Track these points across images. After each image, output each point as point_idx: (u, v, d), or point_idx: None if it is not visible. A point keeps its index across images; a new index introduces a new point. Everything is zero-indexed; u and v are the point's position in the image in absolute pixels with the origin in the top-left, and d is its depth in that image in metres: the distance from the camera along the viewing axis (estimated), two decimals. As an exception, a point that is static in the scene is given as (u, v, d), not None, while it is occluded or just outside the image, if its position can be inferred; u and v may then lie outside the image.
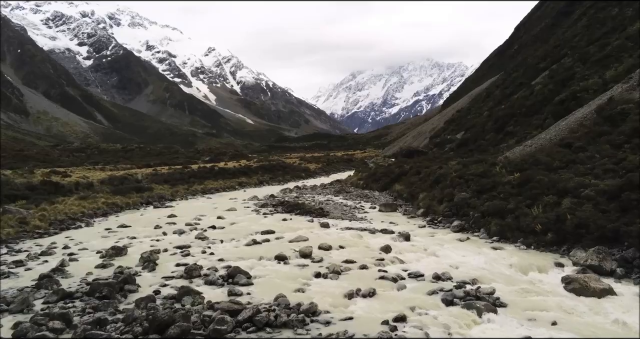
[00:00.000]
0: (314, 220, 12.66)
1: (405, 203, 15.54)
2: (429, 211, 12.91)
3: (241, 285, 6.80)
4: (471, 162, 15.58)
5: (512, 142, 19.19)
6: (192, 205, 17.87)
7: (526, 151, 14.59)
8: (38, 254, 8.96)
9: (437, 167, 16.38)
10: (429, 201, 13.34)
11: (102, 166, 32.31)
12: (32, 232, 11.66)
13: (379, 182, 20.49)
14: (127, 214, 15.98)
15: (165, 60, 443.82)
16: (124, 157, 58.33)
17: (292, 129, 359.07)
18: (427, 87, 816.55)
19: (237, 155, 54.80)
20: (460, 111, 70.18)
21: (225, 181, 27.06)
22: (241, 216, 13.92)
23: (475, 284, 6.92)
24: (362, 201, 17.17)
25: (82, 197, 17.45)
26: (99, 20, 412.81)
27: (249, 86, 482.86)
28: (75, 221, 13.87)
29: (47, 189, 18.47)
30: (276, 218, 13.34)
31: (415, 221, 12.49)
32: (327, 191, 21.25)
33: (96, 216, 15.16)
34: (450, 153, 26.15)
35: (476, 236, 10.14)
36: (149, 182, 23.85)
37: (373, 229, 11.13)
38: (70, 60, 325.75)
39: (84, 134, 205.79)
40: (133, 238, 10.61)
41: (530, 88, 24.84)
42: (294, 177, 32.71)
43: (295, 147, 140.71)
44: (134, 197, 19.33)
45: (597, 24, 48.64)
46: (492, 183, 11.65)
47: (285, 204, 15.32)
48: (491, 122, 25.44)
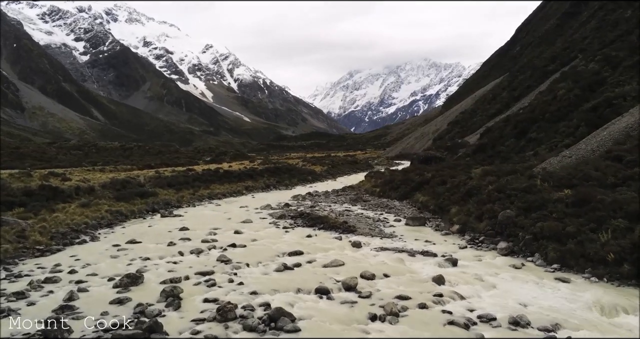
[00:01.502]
0: (342, 237, 11.57)
1: (434, 216, 14.49)
2: (465, 228, 11.87)
3: (287, 332, 5.73)
4: (504, 173, 14.55)
5: (541, 150, 18.16)
6: (201, 214, 16.75)
7: (565, 162, 13.56)
8: (41, 282, 7.83)
9: (465, 177, 15.34)
10: (464, 216, 12.30)
11: (101, 167, 31.10)
12: (32, 249, 10.54)
13: (397, 190, 19.44)
14: (134, 224, 14.85)
15: (163, 56, 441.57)
16: (122, 155, 57.10)
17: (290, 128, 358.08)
18: (424, 87, 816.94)
19: (238, 155, 53.66)
20: (464, 113, 69.43)
21: (232, 185, 25.96)
22: (260, 230, 12.82)
23: (559, 329, 5.92)
24: (384, 212, 16.11)
25: (84, 204, 16.30)
26: (96, 16, 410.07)
27: (246, 83, 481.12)
28: (79, 233, 12.74)
29: (45, 194, 17.29)
30: (299, 234, 12.25)
31: (452, 239, 11.45)
32: (342, 199, 20.18)
33: (101, 226, 14.04)
34: (466, 159, 25.13)
35: (530, 262, 9.09)
36: (152, 186, 22.70)
37: (411, 251, 10.08)
38: (67, 56, 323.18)
39: (80, 131, 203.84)
40: (146, 259, 9.50)
41: (552, 92, 23.81)
42: (301, 181, 31.63)
43: (294, 146, 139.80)
44: (139, 203, 18.22)
45: (608, 26, 47.94)
46: (540, 200, 10.60)
47: (305, 216, 14.24)
48: (510, 127, 24.42)
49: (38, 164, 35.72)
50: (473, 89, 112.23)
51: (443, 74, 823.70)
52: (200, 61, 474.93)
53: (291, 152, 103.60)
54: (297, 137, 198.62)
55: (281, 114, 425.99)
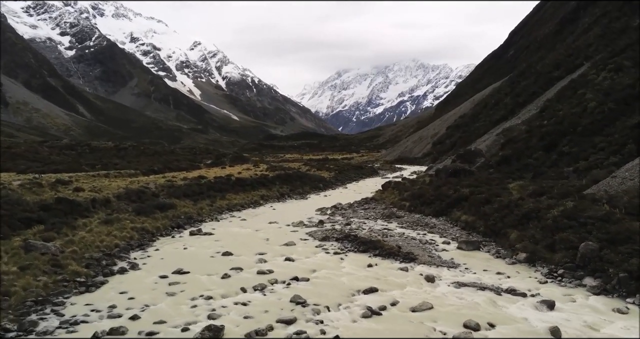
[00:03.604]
0: (407, 268, 10.71)
1: (485, 239, 13.72)
2: (534, 258, 11.11)
3: None
4: (557, 195, 13.86)
5: (582, 166, 17.55)
6: (232, 232, 15.76)
7: (628, 185, 12.90)
8: (106, 333, 6.84)
9: (516, 197, 14.61)
10: (530, 244, 11.54)
11: (104, 171, 29.76)
12: (73, 282, 9.49)
13: (430, 206, 18.66)
14: (164, 244, 13.84)
15: (150, 53, 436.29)
16: (117, 156, 55.56)
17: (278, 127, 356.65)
18: (412, 88, 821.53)
19: (238, 157, 52.53)
20: (463, 117, 69.06)
21: (246, 194, 25.00)
22: (310, 257, 11.90)
23: None
24: (427, 232, 15.31)
25: (107, 220, 15.21)
26: (82, 10, 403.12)
27: (235, 81, 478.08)
28: (113, 258, 11.70)
29: (63, 208, 16.15)
30: (356, 262, 11.36)
31: (524, 271, 10.66)
32: (372, 214, 19.34)
33: (132, 248, 13.02)
34: (489, 170, 24.49)
35: (633, 304, 8.35)
36: (167, 197, 21.63)
37: (494, 288, 9.27)
38: (52, 50, 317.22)
39: (65, 127, 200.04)
40: (209, 299, 8.52)
41: (581, 105, 23.27)
42: (313, 188, 30.76)
43: (285, 146, 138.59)
44: (160, 218, 17.18)
45: (613, 34, 47.80)
46: (626, 232, 9.89)
47: (353, 239, 13.35)
48: (535, 138, 23.83)
49: (33, 165, 34.18)
50: (468, 92, 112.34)
51: (431, 75, 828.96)
52: (188, 58, 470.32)
53: (285, 153, 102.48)
54: (288, 137, 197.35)
55: (269, 113, 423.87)
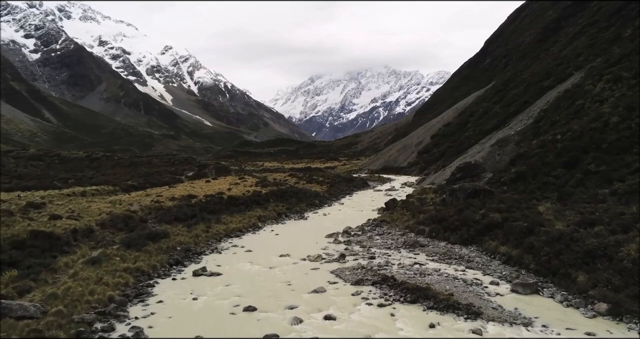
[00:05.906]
0: (481, 331, 8.80)
1: (539, 279, 11.97)
2: (619, 311, 9.40)
3: None
4: (617, 229, 12.28)
5: (621, 189, 16.11)
6: (242, 270, 13.57)
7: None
8: None
9: (569, 229, 12.95)
10: (609, 292, 9.85)
11: (81, 189, 26.90)
12: (63, 367, 7.24)
13: (455, 232, 16.90)
14: (167, 290, 11.58)
15: (119, 57, 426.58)
16: (90, 167, 52.33)
17: (252, 133, 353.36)
18: (384, 94, 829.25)
19: (221, 169, 49.88)
20: (448, 126, 68.21)
21: (242, 216, 22.77)
22: (353, 312, 9.85)
23: None
24: (464, 267, 13.49)
25: (94, 260, 12.85)
26: (48, 12, 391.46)
27: (207, 86, 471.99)
28: (108, 318, 9.42)
29: (39, 245, 13.71)
30: (411, 319, 9.38)
31: (614, 327, 8.93)
32: (390, 241, 17.43)
33: (129, 299, 10.71)
34: (503, 188, 22.99)
35: None
36: (157, 222, 19.29)
37: (602, 362, 7.47)
38: (15, 53, 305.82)
39: (30, 133, 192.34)
40: (255, 395, 6.44)
41: (600, 119, 22.04)
42: (309, 206, 28.74)
43: (262, 153, 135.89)
44: (154, 252, 14.91)
45: (603, 43, 47.65)
46: None
47: (393, 284, 11.39)
48: (552, 154, 22.46)
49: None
50: (445, 99, 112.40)
51: (402, 82, 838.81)
52: (159, 63, 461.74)
53: (263, 162, 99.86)
54: (263, 143, 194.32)
55: (243, 119, 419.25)
